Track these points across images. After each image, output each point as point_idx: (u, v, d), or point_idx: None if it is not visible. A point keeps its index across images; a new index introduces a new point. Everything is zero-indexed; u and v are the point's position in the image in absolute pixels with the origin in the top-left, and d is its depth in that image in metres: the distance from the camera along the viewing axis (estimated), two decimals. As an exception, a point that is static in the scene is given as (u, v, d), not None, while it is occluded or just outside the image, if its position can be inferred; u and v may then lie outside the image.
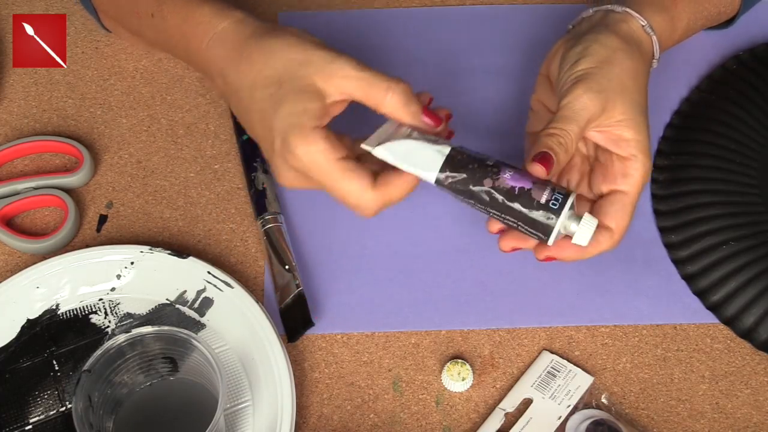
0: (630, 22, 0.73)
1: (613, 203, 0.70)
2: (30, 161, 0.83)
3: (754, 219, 0.76)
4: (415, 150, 0.66)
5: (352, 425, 0.72)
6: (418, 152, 0.66)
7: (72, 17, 0.89)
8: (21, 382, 0.72)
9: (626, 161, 0.69)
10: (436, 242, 0.78)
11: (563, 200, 0.65)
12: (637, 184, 0.70)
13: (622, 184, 0.70)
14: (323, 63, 0.67)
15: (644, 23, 0.73)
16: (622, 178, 0.70)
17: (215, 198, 0.81)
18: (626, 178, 0.70)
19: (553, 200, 0.65)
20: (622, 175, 0.70)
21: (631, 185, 0.70)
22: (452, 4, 0.90)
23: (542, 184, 0.66)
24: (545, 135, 0.67)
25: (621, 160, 0.70)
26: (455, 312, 0.76)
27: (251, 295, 0.74)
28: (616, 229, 0.69)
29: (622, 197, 0.70)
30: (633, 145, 0.69)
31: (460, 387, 0.72)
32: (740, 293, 0.74)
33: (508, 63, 0.86)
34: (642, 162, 0.69)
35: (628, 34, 0.72)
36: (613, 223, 0.69)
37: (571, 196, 0.66)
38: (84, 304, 0.75)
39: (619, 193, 0.70)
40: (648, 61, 0.73)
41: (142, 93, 0.86)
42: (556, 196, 0.65)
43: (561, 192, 0.66)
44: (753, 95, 0.82)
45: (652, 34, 0.73)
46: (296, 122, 0.65)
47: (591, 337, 0.75)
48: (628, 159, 0.69)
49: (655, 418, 0.72)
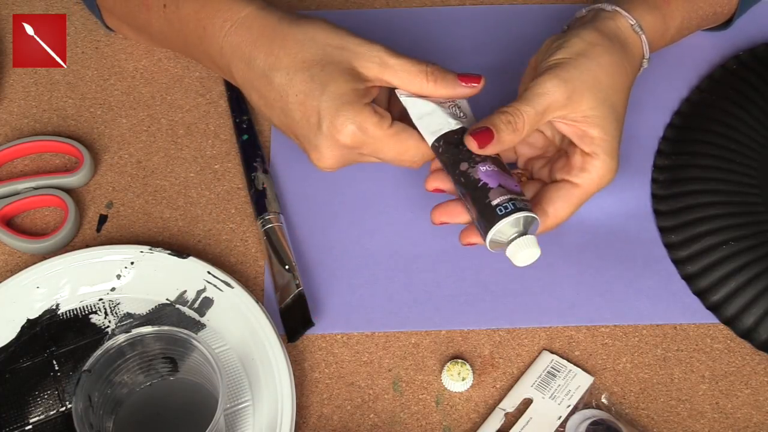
0: (618, 21, 0.73)
1: (559, 190, 0.71)
2: (30, 161, 0.83)
3: (754, 219, 0.76)
4: (432, 113, 0.71)
5: (352, 425, 0.72)
6: (433, 116, 0.71)
7: (72, 17, 0.89)
8: (21, 382, 0.72)
9: (587, 157, 0.70)
10: (436, 242, 0.78)
11: (512, 210, 0.66)
12: (592, 181, 0.70)
13: (576, 177, 0.70)
14: (360, 49, 0.70)
15: (633, 22, 0.73)
16: (578, 171, 0.70)
17: (215, 198, 0.81)
18: (583, 173, 0.70)
19: (503, 206, 0.66)
20: (579, 169, 0.70)
21: (584, 180, 0.70)
22: (452, 4, 0.90)
23: (506, 191, 0.67)
24: (496, 112, 0.69)
25: (583, 155, 0.70)
26: (455, 312, 0.76)
27: (251, 295, 0.74)
28: (551, 216, 0.70)
29: (571, 188, 0.70)
30: (597, 143, 0.69)
31: (460, 387, 0.72)
32: (740, 293, 0.74)
33: (508, 63, 0.86)
34: (603, 161, 0.70)
35: (612, 31, 0.72)
36: (551, 208, 0.70)
37: (524, 213, 0.66)
38: (84, 304, 0.75)
39: (570, 183, 0.70)
40: (634, 61, 0.73)
41: (142, 93, 0.86)
42: (509, 205, 0.66)
43: (519, 205, 0.66)
44: (753, 95, 0.82)
45: (641, 34, 0.73)
46: (348, 100, 0.68)
47: (591, 337, 0.75)
48: (590, 156, 0.70)
49: (655, 418, 0.72)
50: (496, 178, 0.67)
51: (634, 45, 0.73)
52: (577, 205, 0.71)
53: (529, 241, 0.66)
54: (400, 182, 0.81)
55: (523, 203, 0.67)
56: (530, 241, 0.66)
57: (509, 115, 0.68)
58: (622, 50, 0.72)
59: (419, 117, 0.71)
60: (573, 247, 0.78)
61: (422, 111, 0.71)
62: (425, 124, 0.71)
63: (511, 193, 0.67)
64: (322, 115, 0.68)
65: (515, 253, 0.67)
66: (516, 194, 0.67)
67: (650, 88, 0.84)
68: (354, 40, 0.70)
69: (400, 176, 0.81)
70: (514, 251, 0.67)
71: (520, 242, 0.66)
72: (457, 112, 0.72)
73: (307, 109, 0.69)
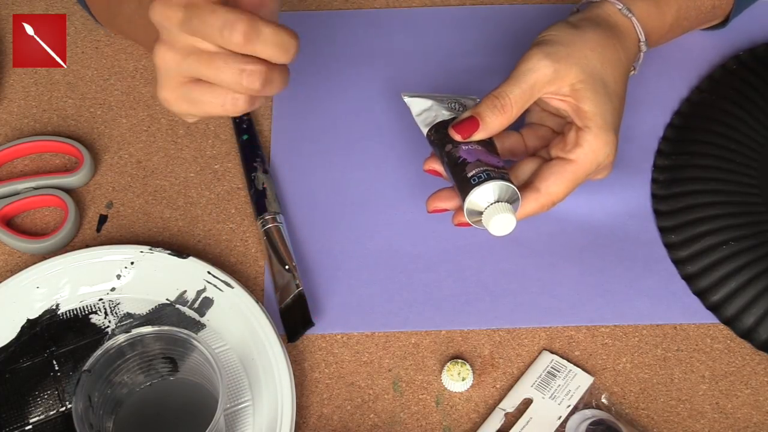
0: (605, 7, 0.74)
1: (552, 167, 0.71)
2: (30, 161, 0.83)
3: (754, 219, 0.76)
4: (429, 108, 0.73)
5: (352, 425, 0.72)
6: (429, 111, 0.73)
7: (72, 17, 0.89)
8: (21, 382, 0.72)
9: (580, 132, 0.70)
10: (436, 242, 0.78)
11: (485, 179, 0.67)
12: (585, 155, 0.70)
13: (570, 153, 0.70)
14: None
15: (620, 6, 0.73)
16: (572, 146, 0.70)
17: (215, 198, 0.81)
18: (576, 148, 0.70)
19: (476, 177, 0.67)
20: (573, 144, 0.70)
21: (577, 155, 0.70)
22: (452, 4, 0.90)
23: (483, 164, 0.68)
24: (484, 98, 0.70)
25: (577, 131, 0.70)
26: (455, 312, 0.76)
27: (251, 295, 0.74)
28: (544, 193, 0.70)
29: (564, 164, 0.70)
30: (589, 117, 0.70)
31: (460, 387, 0.72)
32: (740, 293, 0.74)
33: (508, 63, 0.85)
34: (596, 134, 0.70)
35: (599, 16, 0.73)
36: (543, 184, 0.70)
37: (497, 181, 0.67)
38: (84, 304, 0.75)
39: (564, 160, 0.70)
40: (627, 43, 0.73)
41: (142, 93, 0.86)
42: (482, 175, 0.67)
43: (493, 174, 0.67)
44: (753, 95, 0.82)
45: (630, 16, 0.73)
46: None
47: (591, 337, 0.75)
48: (582, 130, 0.70)
49: (655, 418, 0.72)
50: (475, 154, 0.69)
51: (626, 28, 0.73)
52: (572, 181, 0.70)
53: (502, 207, 0.67)
54: (400, 183, 0.81)
55: (500, 174, 0.68)
56: (503, 207, 0.67)
57: (495, 98, 0.69)
58: (610, 31, 0.72)
59: (418, 114, 0.74)
60: (573, 247, 0.78)
61: (421, 107, 0.74)
62: (422, 118, 0.73)
63: (488, 165, 0.68)
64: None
65: (489, 220, 0.67)
66: (493, 167, 0.68)
67: (650, 88, 0.84)
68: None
69: (401, 177, 0.81)
70: (487, 218, 0.67)
71: (492, 208, 0.67)
72: (456, 107, 0.73)
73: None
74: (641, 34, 0.74)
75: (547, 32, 0.72)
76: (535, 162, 0.73)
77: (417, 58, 0.87)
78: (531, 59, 0.69)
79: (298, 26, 0.70)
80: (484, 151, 0.70)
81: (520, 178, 0.73)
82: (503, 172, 0.68)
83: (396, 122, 0.83)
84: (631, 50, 0.74)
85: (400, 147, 0.83)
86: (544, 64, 0.69)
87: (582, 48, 0.70)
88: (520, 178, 0.73)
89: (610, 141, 0.70)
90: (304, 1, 0.90)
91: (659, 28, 0.76)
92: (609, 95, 0.70)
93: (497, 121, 0.69)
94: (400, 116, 0.82)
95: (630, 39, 0.73)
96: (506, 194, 0.67)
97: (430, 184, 0.76)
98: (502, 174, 0.68)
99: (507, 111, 0.69)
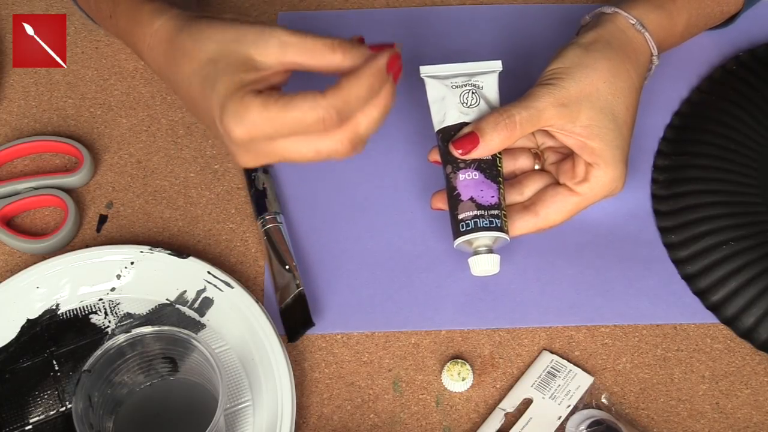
0: (618, 21, 0.73)
1: (557, 194, 0.71)
2: (30, 161, 0.83)
3: (754, 219, 0.76)
4: (443, 100, 0.72)
5: (352, 425, 0.72)
6: (442, 103, 0.72)
7: (72, 17, 0.89)
8: (21, 382, 0.72)
9: (590, 167, 0.70)
10: (436, 242, 0.78)
11: (472, 229, 0.69)
12: (592, 191, 0.71)
13: (577, 186, 0.71)
14: (256, 35, 0.63)
15: (633, 21, 0.73)
16: (580, 180, 0.71)
17: (215, 198, 0.81)
18: (584, 183, 0.71)
19: (464, 223, 0.70)
20: (582, 179, 0.71)
21: (584, 190, 0.71)
22: (452, 4, 0.90)
23: (475, 206, 0.69)
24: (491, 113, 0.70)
25: (586, 165, 0.70)
26: (455, 312, 0.76)
27: (251, 295, 0.74)
28: (542, 218, 0.71)
29: (569, 195, 0.71)
30: (598, 153, 0.70)
31: (460, 387, 0.72)
32: (740, 293, 0.74)
33: (508, 63, 0.85)
34: (605, 171, 0.70)
35: (612, 33, 0.72)
36: (544, 211, 0.71)
37: (483, 233, 0.69)
38: (84, 304, 0.75)
39: (569, 190, 0.71)
40: (640, 61, 0.73)
41: (142, 93, 0.86)
42: (470, 223, 0.70)
43: (481, 223, 0.69)
44: (753, 95, 0.82)
45: (643, 32, 0.73)
46: (231, 94, 0.61)
47: (591, 337, 0.75)
48: (592, 166, 0.70)
49: (655, 418, 0.72)
50: (470, 189, 0.70)
51: (639, 44, 0.73)
52: (572, 212, 0.72)
53: (485, 260, 0.70)
54: (400, 182, 0.81)
55: (489, 220, 0.69)
56: (486, 260, 0.70)
57: (500, 115, 0.69)
58: (623, 52, 0.71)
59: (433, 101, 0.73)
60: (573, 247, 0.78)
61: (436, 95, 0.73)
62: (435, 110, 0.73)
63: (480, 208, 0.69)
64: (215, 116, 0.63)
65: (473, 265, 0.72)
66: (486, 208, 0.69)
67: (650, 88, 0.83)
68: (252, 29, 0.64)
69: (401, 176, 0.81)
70: (472, 264, 0.72)
71: (475, 259, 0.71)
72: (470, 99, 0.72)
73: (208, 113, 0.64)
74: (654, 49, 0.73)
75: (558, 63, 0.71)
76: (542, 180, 0.73)
77: (417, 58, 0.87)
78: (539, 99, 0.69)
79: (298, 26, 0.70)
80: (480, 180, 0.70)
81: (524, 194, 0.74)
82: (493, 215, 0.69)
83: (396, 122, 0.83)
84: (644, 67, 0.73)
85: (400, 147, 0.83)
86: (552, 106, 0.69)
87: (594, 81, 0.70)
88: (524, 194, 0.74)
89: (618, 176, 0.71)
90: (304, 0, 0.90)
91: (670, 37, 0.76)
92: (619, 128, 0.70)
93: (498, 139, 0.68)
94: (401, 116, 0.82)
95: (643, 55, 0.73)
96: (493, 242, 0.71)
97: (431, 185, 0.76)
98: (491, 218, 0.69)
99: (511, 129, 0.69)
